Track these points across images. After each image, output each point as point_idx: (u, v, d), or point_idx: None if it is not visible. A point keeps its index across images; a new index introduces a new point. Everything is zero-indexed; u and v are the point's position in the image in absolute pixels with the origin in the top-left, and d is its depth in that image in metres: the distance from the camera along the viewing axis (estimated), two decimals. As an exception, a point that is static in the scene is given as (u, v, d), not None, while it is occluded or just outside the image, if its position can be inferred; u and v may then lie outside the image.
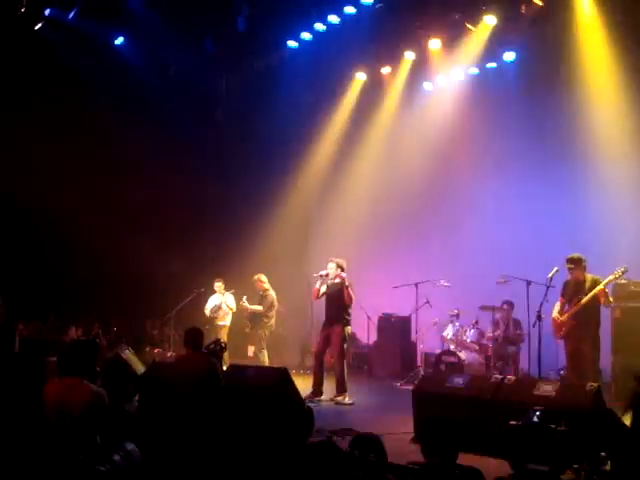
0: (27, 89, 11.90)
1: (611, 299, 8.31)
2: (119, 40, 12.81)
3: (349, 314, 9.64)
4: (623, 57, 10.51)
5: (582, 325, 8.15)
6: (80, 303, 12.26)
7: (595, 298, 8.08)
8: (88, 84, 12.35)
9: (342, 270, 9.60)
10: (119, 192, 13.22)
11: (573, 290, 8.32)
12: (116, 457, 3.75)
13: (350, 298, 9.47)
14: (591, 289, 8.10)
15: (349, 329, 9.68)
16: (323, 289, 9.74)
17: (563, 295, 8.43)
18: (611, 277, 8.06)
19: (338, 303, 9.55)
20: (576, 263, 8.25)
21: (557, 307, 8.43)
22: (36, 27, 11.76)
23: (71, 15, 11.73)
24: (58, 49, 12.13)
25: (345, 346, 9.58)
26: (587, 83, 10.97)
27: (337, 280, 9.59)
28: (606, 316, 8.59)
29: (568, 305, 8.33)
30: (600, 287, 8.01)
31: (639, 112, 10.49)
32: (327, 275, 9.67)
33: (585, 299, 8.10)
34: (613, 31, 10.48)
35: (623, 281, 9.11)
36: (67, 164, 12.38)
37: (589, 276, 8.26)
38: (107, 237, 12.56)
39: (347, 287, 9.45)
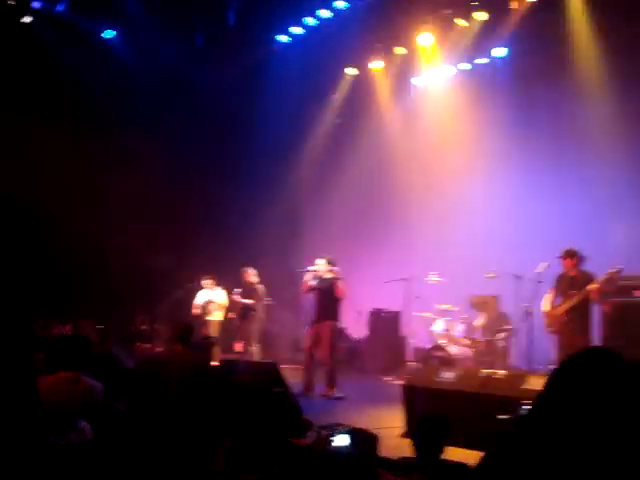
0: (16, 83, 11.81)
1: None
2: (109, 33, 12.71)
3: (338, 309, 9.65)
4: (614, 53, 10.53)
5: (576, 319, 8.18)
6: (68, 299, 12.16)
7: (588, 294, 8.11)
8: (77, 77, 12.25)
9: (333, 266, 9.61)
10: (108, 187, 13.14)
11: (567, 284, 8.35)
12: (72, 435, 3.78)
13: (344, 292, 9.50)
14: (584, 284, 8.12)
15: (338, 324, 9.65)
16: (313, 283, 9.73)
17: (557, 288, 8.45)
18: (607, 275, 8.08)
19: (329, 298, 9.54)
20: (570, 257, 8.28)
21: (548, 299, 8.44)
22: (24, 19, 11.65)
23: (60, 8, 11.64)
24: (48, 42, 12.04)
25: (335, 341, 9.56)
26: (578, 78, 10.99)
27: (328, 276, 9.59)
28: (595, 310, 8.62)
29: (561, 299, 8.35)
30: (595, 286, 8.03)
31: (630, 108, 10.50)
32: (316, 272, 9.68)
33: (577, 298, 8.12)
34: (604, 26, 10.50)
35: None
36: (55, 157, 12.29)
37: (582, 271, 8.29)
38: (96, 232, 12.47)
39: (340, 281, 9.46)
